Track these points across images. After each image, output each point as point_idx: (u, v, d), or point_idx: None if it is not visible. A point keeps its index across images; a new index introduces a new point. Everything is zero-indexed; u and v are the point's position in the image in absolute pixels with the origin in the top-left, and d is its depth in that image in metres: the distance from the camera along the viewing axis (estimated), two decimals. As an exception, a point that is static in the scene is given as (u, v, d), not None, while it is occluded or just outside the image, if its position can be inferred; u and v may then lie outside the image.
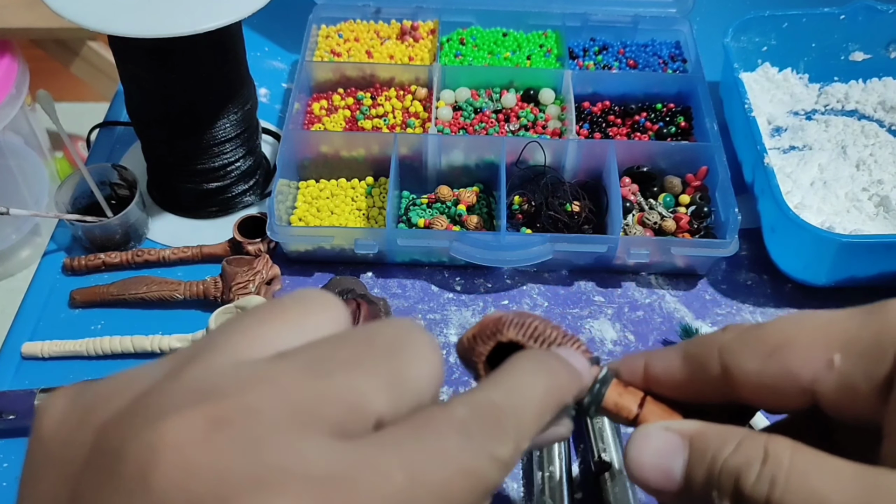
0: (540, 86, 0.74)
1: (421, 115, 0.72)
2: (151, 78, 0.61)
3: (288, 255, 0.65)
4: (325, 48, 0.78)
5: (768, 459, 0.23)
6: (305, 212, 0.66)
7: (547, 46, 0.79)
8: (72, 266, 0.65)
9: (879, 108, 0.76)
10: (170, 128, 0.63)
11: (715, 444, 0.24)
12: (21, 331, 0.62)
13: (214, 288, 0.62)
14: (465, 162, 0.69)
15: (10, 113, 0.90)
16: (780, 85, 0.77)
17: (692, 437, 0.25)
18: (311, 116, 0.73)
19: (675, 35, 0.80)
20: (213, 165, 0.66)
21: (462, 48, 0.78)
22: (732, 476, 0.23)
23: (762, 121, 0.74)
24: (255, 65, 0.68)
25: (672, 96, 0.74)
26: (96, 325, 0.62)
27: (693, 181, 0.67)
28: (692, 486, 0.25)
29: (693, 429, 0.25)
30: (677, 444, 0.25)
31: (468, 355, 0.31)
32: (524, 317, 0.30)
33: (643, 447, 0.26)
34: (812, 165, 0.70)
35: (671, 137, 0.71)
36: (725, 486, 0.24)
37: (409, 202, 0.68)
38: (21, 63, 0.94)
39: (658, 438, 0.26)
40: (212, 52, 0.60)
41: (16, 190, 0.97)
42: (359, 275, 0.65)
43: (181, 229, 0.68)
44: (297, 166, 0.69)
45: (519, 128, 0.71)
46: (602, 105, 0.74)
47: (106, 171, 0.67)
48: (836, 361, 0.24)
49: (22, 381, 0.59)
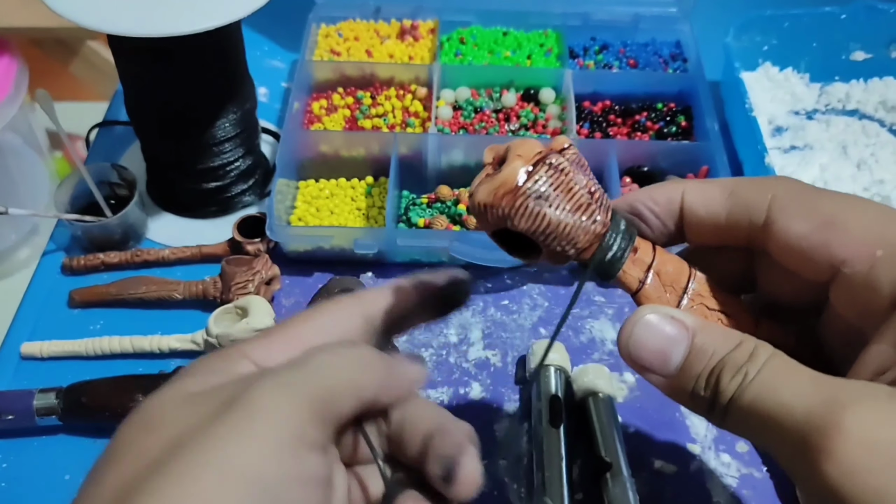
0: (540, 85, 0.74)
1: (421, 115, 0.72)
2: (150, 77, 0.61)
3: (287, 255, 0.65)
4: (324, 47, 0.78)
5: (749, 360, 0.25)
6: (305, 211, 0.66)
7: (547, 46, 0.78)
8: (71, 266, 0.65)
9: (880, 108, 0.75)
10: (169, 127, 0.63)
11: (717, 343, 0.26)
12: (20, 331, 0.61)
13: (214, 288, 0.62)
14: (466, 161, 0.69)
15: (9, 112, 0.90)
16: (780, 84, 0.77)
17: (696, 332, 0.26)
18: (311, 116, 0.73)
19: (675, 34, 0.80)
20: (212, 165, 0.65)
21: (462, 47, 0.78)
22: (717, 373, 0.25)
23: (763, 120, 0.74)
24: (255, 64, 0.68)
25: (673, 96, 0.74)
26: (95, 325, 0.62)
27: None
28: (685, 376, 0.26)
29: (698, 324, 0.27)
30: (682, 335, 0.26)
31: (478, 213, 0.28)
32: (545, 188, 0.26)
33: (648, 330, 0.27)
34: (813, 165, 0.70)
35: (672, 137, 0.71)
36: (711, 382, 0.25)
37: (408, 202, 0.68)
38: (20, 62, 0.93)
39: (665, 325, 0.27)
40: (211, 51, 0.60)
41: (14, 190, 0.97)
42: (358, 275, 0.65)
43: (180, 229, 0.68)
44: (297, 166, 0.69)
45: (519, 127, 0.71)
46: (602, 104, 0.73)
47: (105, 170, 0.67)
48: (877, 255, 0.25)
49: (21, 382, 0.58)
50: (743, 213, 0.28)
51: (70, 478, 0.54)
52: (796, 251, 0.27)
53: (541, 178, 0.26)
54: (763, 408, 0.24)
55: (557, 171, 0.27)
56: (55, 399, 0.54)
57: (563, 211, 0.27)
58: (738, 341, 0.26)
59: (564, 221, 0.27)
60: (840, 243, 0.26)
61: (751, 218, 0.28)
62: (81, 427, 0.56)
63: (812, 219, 0.26)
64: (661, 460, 0.54)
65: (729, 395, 0.25)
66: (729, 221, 0.28)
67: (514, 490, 0.53)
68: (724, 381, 0.25)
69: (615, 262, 0.28)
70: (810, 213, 0.27)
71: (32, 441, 0.55)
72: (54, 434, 0.56)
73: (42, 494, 0.53)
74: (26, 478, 0.54)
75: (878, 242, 0.25)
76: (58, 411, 0.54)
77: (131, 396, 0.54)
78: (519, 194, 0.26)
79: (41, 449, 0.55)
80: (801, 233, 0.26)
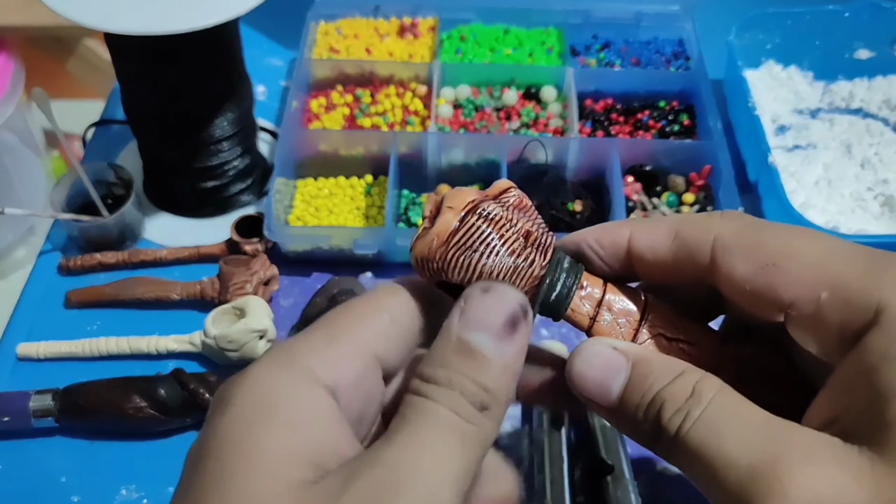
0: (541, 83, 0.73)
1: (421, 113, 0.71)
2: (148, 76, 0.60)
3: (286, 255, 0.65)
4: (323, 45, 0.78)
5: (692, 396, 0.24)
6: (303, 211, 0.66)
7: (549, 43, 0.78)
8: (68, 266, 0.64)
9: (884, 107, 0.75)
10: (166, 126, 0.63)
11: (655, 373, 0.26)
12: (16, 332, 0.61)
13: (211, 288, 0.61)
14: (466, 160, 0.68)
15: (6, 111, 0.89)
16: (784, 83, 0.77)
17: (636, 362, 0.26)
18: (310, 114, 0.72)
19: (678, 32, 0.79)
20: (209, 164, 0.65)
21: (462, 45, 0.78)
22: (658, 406, 0.25)
23: (766, 119, 0.73)
24: (253, 62, 0.67)
25: (675, 94, 0.73)
26: (92, 325, 0.61)
27: (696, 180, 0.67)
28: (625, 407, 0.26)
29: (638, 354, 0.27)
30: (621, 364, 0.27)
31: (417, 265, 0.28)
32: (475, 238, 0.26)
33: (590, 360, 0.27)
34: (816, 164, 0.69)
35: (674, 136, 0.70)
36: (651, 414, 0.25)
37: (408, 201, 0.67)
38: (17, 61, 0.93)
39: (604, 356, 0.27)
40: (209, 49, 0.59)
41: (11, 189, 0.97)
42: (358, 275, 0.64)
43: (178, 229, 0.68)
44: (295, 165, 0.68)
45: (520, 126, 0.71)
46: (604, 103, 0.73)
47: (102, 169, 0.66)
48: (821, 298, 0.25)
49: (17, 383, 0.58)
50: (688, 256, 0.28)
51: (66, 480, 0.53)
52: (743, 292, 0.26)
53: (471, 229, 0.27)
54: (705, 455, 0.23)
55: (486, 220, 0.27)
56: (51, 401, 0.53)
57: (494, 258, 0.27)
58: (678, 372, 0.25)
59: (497, 269, 0.27)
60: (784, 285, 0.25)
61: (696, 259, 0.27)
62: (78, 429, 0.55)
63: (756, 260, 0.26)
64: (662, 462, 0.54)
65: (672, 432, 0.24)
66: (676, 264, 0.28)
67: (516, 493, 0.52)
68: (664, 417, 0.24)
69: (561, 301, 0.28)
70: (754, 253, 0.26)
71: (28, 443, 0.55)
72: (50, 436, 0.55)
73: (38, 497, 0.53)
74: (22, 480, 0.53)
75: (821, 283, 0.25)
76: (54, 413, 0.53)
77: (128, 398, 0.53)
78: (451, 247, 0.26)
79: (37, 451, 0.55)
80: (745, 276, 0.26)
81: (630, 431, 0.26)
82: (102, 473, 0.54)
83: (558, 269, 0.28)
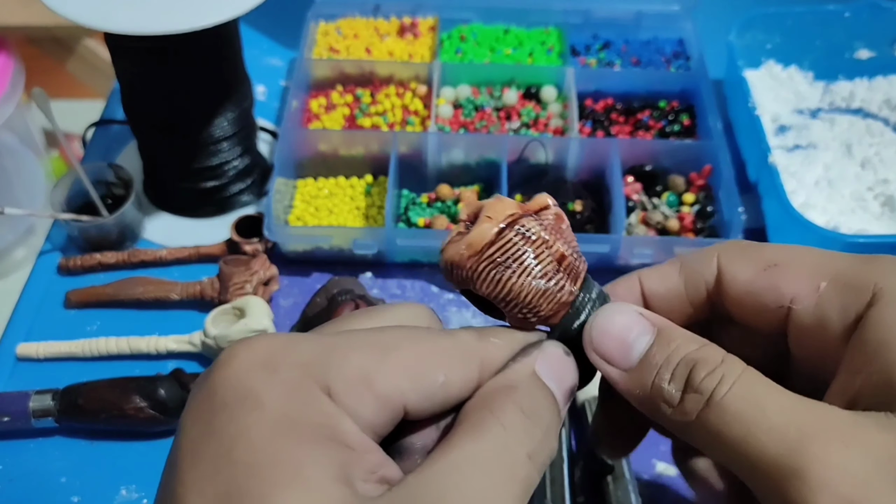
0: (542, 83, 0.73)
1: (421, 113, 0.71)
2: (148, 76, 0.60)
3: (286, 255, 0.64)
4: (323, 45, 0.77)
5: (725, 362, 0.25)
6: (303, 211, 0.66)
7: (549, 43, 0.78)
8: (67, 266, 0.64)
9: (885, 107, 0.75)
10: (166, 126, 0.63)
11: (680, 340, 0.26)
12: (16, 332, 0.61)
13: (211, 288, 0.61)
14: (466, 160, 0.68)
15: (6, 111, 0.89)
16: (784, 83, 0.77)
17: (661, 329, 0.27)
18: (310, 114, 0.72)
19: (678, 32, 0.79)
20: (209, 164, 0.65)
21: (463, 45, 0.78)
22: (689, 366, 0.25)
23: (766, 119, 0.73)
24: (253, 62, 0.67)
25: (675, 94, 0.73)
26: (92, 325, 0.61)
27: (697, 180, 0.66)
28: (646, 367, 0.26)
29: (665, 323, 0.27)
30: (647, 327, 0.27)
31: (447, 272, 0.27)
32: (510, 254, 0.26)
33: (614, 319, 0.27)
34: (817, 164, 0.69)
35: (674, 136, 0.70)
36: (680, 374, 0.25)
37: (408, 201, 0.67)
38: (16, 61, 0.93)
39: (630, 316, 0.27)
40: (209, 49, 0.59)
41: (11, 189, 0.97)
42: (358, 275, 0.64)
43: (177, 229, 0.68)
44: (295, 165, 0.68)
45: (520, 126, 0.70)
46: (605, 103, 0.73)
47: (102, 169, 0.66)
48: (820, 287, 0.26)
49: (17, 383, 0.58)
50: (697, 277, 0.29)
51: (66, 480, 0.53)
52: (747, 297, 0.28)
53: (507, 244, 0.26)
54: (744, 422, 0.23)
55: (524, 238, 0.26)
56: (51, 401, 0.53)
57: (525, 278, 0.26)
58: (704, 342, 0.26)
59: (527, 290, 0.26)
60: (786, 280, 0.27)
61: (705, 278, 0.29)
62: (78, 429, 0.55)
63: (758, 263, 0.28)
64: (663, 463, 0.53)
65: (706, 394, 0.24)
66: (688, 290, 0.30)
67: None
68: (696, 378, 0.24)
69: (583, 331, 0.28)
70: (755, 259, 0.28)
71: (28, 443, 0.55)
72: (50, 436, 0.55)
73: (38, 497, 0.53)
74: (22, 480, 0.53)
75: (821, 275, 0.27)
76: (54, 413, 0.53)
77: (128, 398, 0.53)
78: (483, 259, 0.26)
79: (37, 451, 0.55)
80: (749, 277, 0.28)
81: (643, 396, 0.26)
82: (102, 473, 0.54)
83: (587, 297, 0.28)
